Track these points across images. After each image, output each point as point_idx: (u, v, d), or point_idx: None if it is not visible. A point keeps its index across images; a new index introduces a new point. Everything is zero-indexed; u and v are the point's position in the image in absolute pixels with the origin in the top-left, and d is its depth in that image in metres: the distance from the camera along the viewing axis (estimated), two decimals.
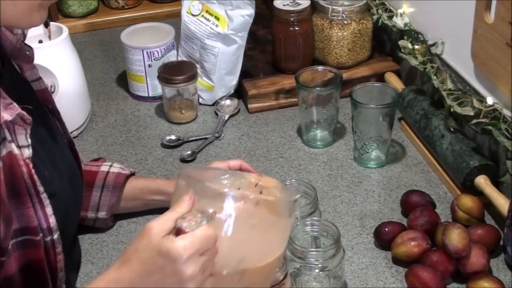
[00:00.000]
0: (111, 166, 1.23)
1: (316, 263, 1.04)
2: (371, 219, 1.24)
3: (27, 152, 0.84)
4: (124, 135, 1.51)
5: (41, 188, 0.85)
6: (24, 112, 0.83)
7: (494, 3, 1.20)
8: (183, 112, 1.54)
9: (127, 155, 1.44)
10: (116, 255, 1.19)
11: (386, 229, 1.17)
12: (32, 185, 0.85)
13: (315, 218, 1.11)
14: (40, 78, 1.00)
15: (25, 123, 0.84)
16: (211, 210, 0.83)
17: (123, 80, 1.68)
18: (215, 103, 1.58)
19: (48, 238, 0.87)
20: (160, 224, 0.82)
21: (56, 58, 1.43)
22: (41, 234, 0.86)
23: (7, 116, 0.81)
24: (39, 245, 0.86)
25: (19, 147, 0.83)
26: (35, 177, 0.85)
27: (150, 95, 1.61)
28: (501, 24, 1.17)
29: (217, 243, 0.83)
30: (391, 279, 1.12)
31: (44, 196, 0.86)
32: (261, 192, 0.95)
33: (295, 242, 1.05)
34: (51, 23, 1.53)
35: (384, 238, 1.17)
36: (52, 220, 0.87)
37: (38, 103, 0.97)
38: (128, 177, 1.24)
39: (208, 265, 0.83)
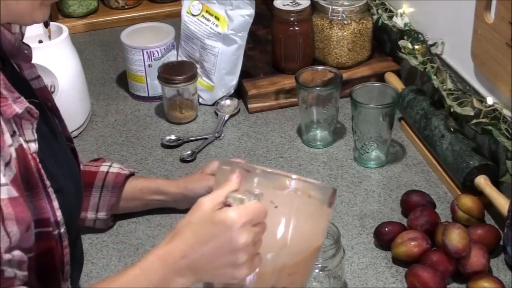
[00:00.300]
0: (110, 166, 1.23)
1: (316, 263, 1.04)
2: (371, 219, 1.24)
3: (34, 146, 0.85)
4: (124, 135, 1.51)
5: (47, 182, 0.87)
6: (32, 106, 0.85)
7: (494, 3, 1.19)
8: (183, 112, 1.54)
9: (127, 155, 1.44)
10: (116, 255, 1.19)
11: (386, 229, 1.17)
12: (40, 179, 0.86)
13: None
14: (39, 76, 1.00)
15: (32, 117, 0.85)
16: (257, 191, 0.86)
17: (123, 80, 1.68)
18: (215, 103, 1.58)
19: (56, 232, 0.88)
20: (211, 199, 0.84)
21: (56, 58, 1.43)
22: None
23: (17, 109, 0.82)
24: (51, 237, 0.88)
25: (26, 141, 0.85)
26: (42, 171, 0.86)
27: (150, 95, 1.61)
28: (501, 24, 1.17)
29: None
30: (391, 279, 1.12)
31: (50, 190, 0.88)
32: None
33: None
34: (51, 23, 1.53)
35: (384, 238, 1.17)
36: (59, 214, 0.89)
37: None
38: (127, 177, 1.24)
39: (259, 238, 0.84)
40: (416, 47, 1.44)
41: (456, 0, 1.33)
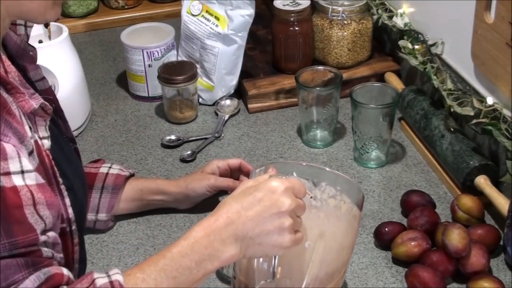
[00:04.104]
0: (110, 167, 1.23)
1: None
2: (371, 219, 1.24)
3: (47, 143, 0.86)
4: (124, 135, 1.51)
5: (60, 179, 0.88)
6: (46, 102, 0.86)
7: (494, 3, 1.20)
8: (183, 112, 1.54)
9: (127, 155, 1.44)
10: (116, 255, 1.19)
11: (386, 229, 1.17)
12: (53, 175, 0.86)
13: None
14: (44, 77, 1.01)
15: (46, 114, 0.86)
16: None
17: (123, 80, 1.68)
18: (215, 103, 1.58)
19: (67, 229, 0.89)
20: (254, 180, 0.88)
21: (56, 58, 1.43)
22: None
23: (34, 104, 0.83)
24: (65, 233, 0.88)
25: (40, 138, 0.85)
26: (55, 168, 0.86)
27: (150, 95, 1.61)
28: (501, 24, 1.17)
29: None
30: (391, 279, 1.12)
31: (62, 187, 0.88)
32: None
33: None
34: (51, 23, 1.53)
35: (384, 238, 1.17)
36: (70, 211, 0.90)
37: None
38: (127, 178, 1.24)
39: (300, 212, 0.86)
40: (416, 47, 1.44)
41: (456, 0, 1.33)
